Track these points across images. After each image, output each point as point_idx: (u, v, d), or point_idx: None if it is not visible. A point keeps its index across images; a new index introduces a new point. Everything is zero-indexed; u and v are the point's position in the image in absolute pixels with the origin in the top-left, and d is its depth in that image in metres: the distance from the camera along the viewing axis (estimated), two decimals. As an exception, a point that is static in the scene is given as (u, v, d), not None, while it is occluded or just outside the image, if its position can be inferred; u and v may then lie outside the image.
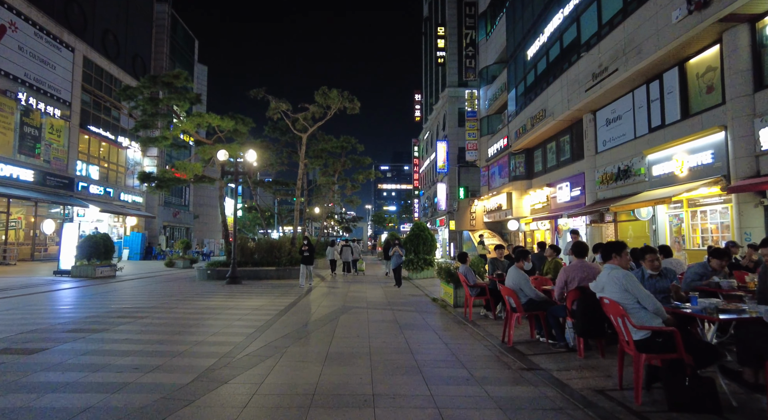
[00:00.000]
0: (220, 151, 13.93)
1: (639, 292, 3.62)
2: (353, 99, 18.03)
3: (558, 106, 19.76)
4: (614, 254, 3.93)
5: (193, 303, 9.56)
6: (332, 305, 9.60)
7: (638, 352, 3.52)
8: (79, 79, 25.40)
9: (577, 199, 19.68)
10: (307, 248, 13.70)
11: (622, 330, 3.69)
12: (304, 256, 13.74)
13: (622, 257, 3.90)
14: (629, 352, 3.70)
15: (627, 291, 3.66)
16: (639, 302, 3.62)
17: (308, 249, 13.73)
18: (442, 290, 10.49)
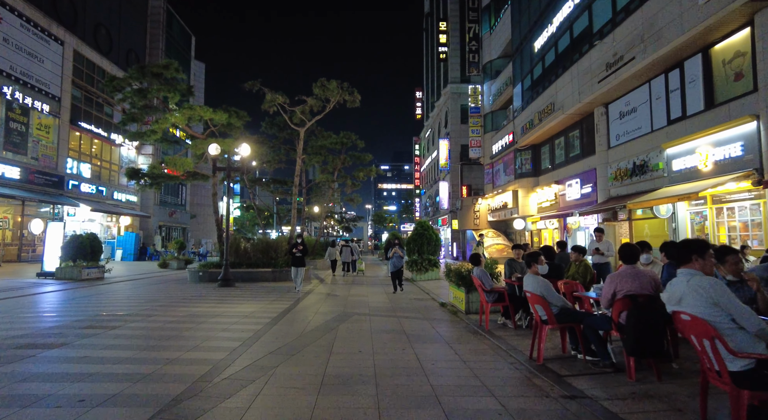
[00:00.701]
0: (211, 145, 13.04)
1: (735, 306, 2.72)
2: (353, 91, 17.14)
3: (568, 99, 18.86)
4: (695, 256, 3.00)
5: (177, 309, 8.66)
6: (331, 311, 8.70)
7: (738, 388, 2.63)
8: (69, 74, 24.50)
9: (588, 197, 18.78)
10: (300, 248, 12.24)
11: (710, 356, 2.79)
12: (294, 257, 12.25)
13: (705, 260, 2.98)
14: (720, 386, 2.81)
15: (717, 305, 2.76)
16: (734, 320, 2.73)
17: (301, 249, 12.28)
18: (451, 294, 9.59)
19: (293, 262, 12.28)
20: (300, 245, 12.28)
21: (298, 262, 12.28)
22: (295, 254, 12.22)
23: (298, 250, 12.19)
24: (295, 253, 12.21)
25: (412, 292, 12.60)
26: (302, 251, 12.25)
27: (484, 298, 6.97)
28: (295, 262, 12.28)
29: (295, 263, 12.29)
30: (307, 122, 17.40)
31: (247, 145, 13.31)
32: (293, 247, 12.31)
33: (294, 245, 12.35)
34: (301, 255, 12.26)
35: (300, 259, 12.31)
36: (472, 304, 8.43)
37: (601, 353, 4.54)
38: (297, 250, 12.21)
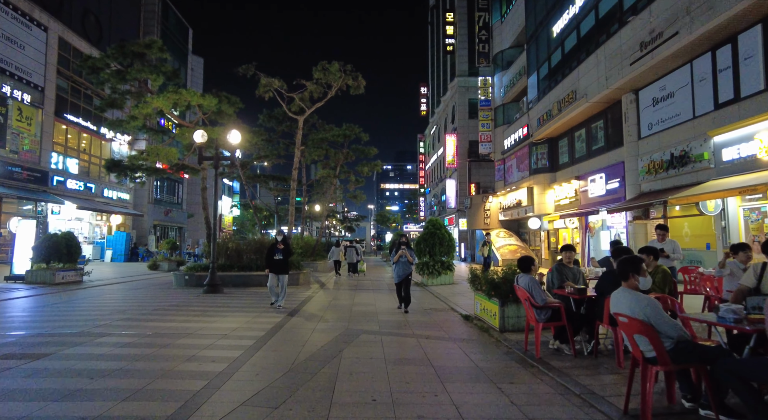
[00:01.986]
0: (196, 133, 11.43)
1: None
2: (357, 76, 15.51)
3: (592, 86, 17.19)
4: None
5: (142, 325, 7.04)
6: (332, 328, 7.07)
7: None
8: (54, 63, 22.94)
9: (614, 193, 17.12)
10: (282, 249, 9.37)
11: None
12: (274, 262, 9.29)
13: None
14: None
15: None
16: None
17: (284, 251, 9.38)
18: (477, 305, 7.94)
19: (272, 268, 9.29)
20: (281, 245, 9.40)
21: (278, 268, 9.29)
22: (274, 258, 9.28)
23: (279, 252, 9.32)
24: (275, 257, 9.29)
25: (425, 299, 10.95)
26: (285, 253, 9.39)
27: (532, 316, 5.32)
28: (275, 268, 9.27)
29: (274, 269, 9.27)
30: (307, 110, 15.77)
31: (238, 131, 11.70)
32: (272, 247, 9.45)
33: (274, 246, 9.46)
34: (282, 258, 9.32)
35: (281, 265, 9.30)
36: (509, 320, 6.78)
37: (756, 417, 2.88)
38: (278, 252, 9.34)
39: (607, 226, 18.66)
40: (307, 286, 13.86)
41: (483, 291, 7.56)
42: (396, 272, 9.11)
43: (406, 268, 9.00)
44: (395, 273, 9.13)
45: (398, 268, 9.05)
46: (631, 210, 15.25)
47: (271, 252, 9.40)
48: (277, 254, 9.32)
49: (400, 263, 9.02)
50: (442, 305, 9.91)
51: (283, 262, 9.35)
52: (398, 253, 8.98)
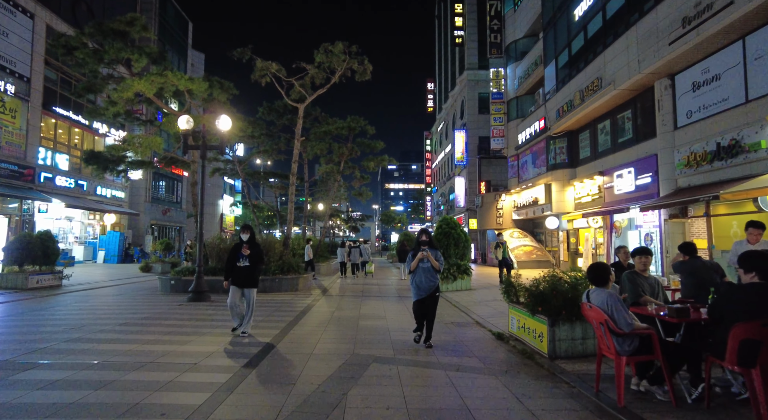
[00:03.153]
0: (181, 118, 10.02)
1: None
2: (363, 60, 14.02)
3: (622, 72, 15.63)
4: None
5: (92, 349, 5.59)
6: (334, 353, 5.59)
7: None
8: (42, 52, 21.63)
9: (645, 189, 15.56)
10: (248, 254, 6.61)
11: None
12: (235, 270, 6.61)
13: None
14: None
15: None
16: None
17: (250, 255, 6.63)
18: (514, 321, 6.44)
19: (233, 278, 6.61)
20: (246, 247, 6.63)
21: (242, 279, 6.57)
22: (237, 264, 6.59)
23: (245, 258, 6.59)
24: (239, 264, 6.58)
25: (443, 309, 9.44)
26: (253, 259, 6.62)
27: (611, 346, 3.81)
28: (237, 278, 6.58)
29: (236, 280, 6.58)
30: (308, 97, 14.31)
31: (228, 117, 10.27)
32: (235, 250, 6.72)
33: (237, 248, 6.72)
34: (249, 266, 6.58)
35: (246, 274, 6.58)
36: (561, 344, 5.28)
37: None
38: (242, 257, 6.60)
39: (635, 225, 17.08)
40: (307, 292, 12.40)
41: (523, 305, 6.06)
42: (415, 284, 6.09)
43: (430, 279, 6.02)
44: (414, 286, 6.12)
45: (418, 279, 6.05)
46: (668, 207, 13.68)
47: (233, 256, 6.63)
48: (240, 260, 6.56)
49: (420, 272, 6.05)
50: (464, 317, 8.41)
51: (249, 271, 6.57)
52: (417, 257, 6.02)
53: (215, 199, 50.72)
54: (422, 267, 6.11)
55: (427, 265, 6.08)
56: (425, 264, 6.10)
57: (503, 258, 14.06)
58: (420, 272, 6.10)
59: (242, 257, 6.58)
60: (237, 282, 6.58)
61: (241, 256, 6.59)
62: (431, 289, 6.05)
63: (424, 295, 6.05)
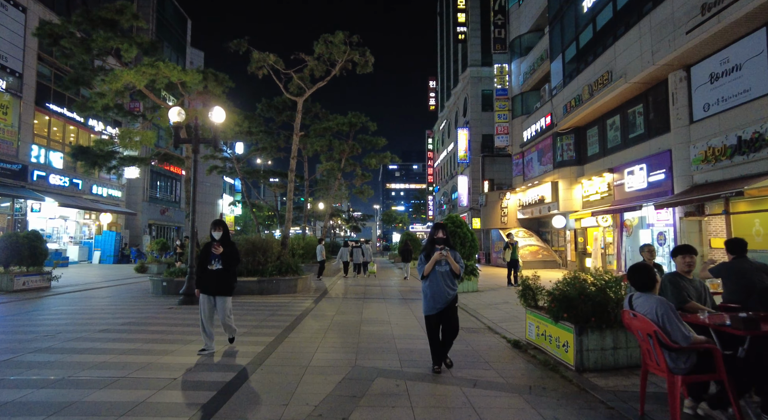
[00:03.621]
0: (172, 110, 9.43)
1: None
2: (365, 51, 13.41)
3: (633, 64, 15.03)
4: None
5: (58, 362, 4.99)
6: (334, 365, 4.99)
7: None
8: (35, 47, 21.06)
9: (658, 186, 14.95)
10: (221, 253, 5.41)
11: None
12: (205, 274, 5.41)
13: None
14: None
15: None
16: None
17: (223, 255, 5.42)
18: (532, 327, 5.83)
19: (203, 286, 5.38)
20: (218, 246, 5.40)
21: (212, 285, 5.36)
22: (207, 267, 5.38)
23: (217, 259, 5.39)
24: (210, 266, 5.37)
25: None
26: (226, 260, 5.41)
27: (661, 363, 3.20)
28: (207, 284, 5.36)
29: (206, 287, 5.37)
30: (307, 90, 13.71)
31: (221, 108, 9.68)
32: (206, 250, 5.49)
33: (207, 247, 5.50)
34: (222, 269, 5.38)
35: (219, 279, 5.37)
36: (590, 355, 4.67)
37: None
38: (214, 259, 5.40)
39: (647, 224, 16.47)
40: (306, 294, 11.80)
41: (544, 310, 5.45)
42: (429, 294, 4.74)
43: (449, 287, 4.72)
44: (428, 296, 4.76)
45: (434, 286, 4.71)
46: (685, 204, 13.06)
47: (204, 258, 5.41)
48: (212, 261, 5.34)
49: (437, 277, 4.71)
50: (475, 322, 7.80)
51: (221, 275, 5.34)
52: (434, 258, 4.71)
53: (215, 199, 50.13)
54: (439, 271, 4.71)
55: (446, 269, 4.74)
56: (443, 267, 4.73)
57: (512, 259, 13.40)
58: (436, 278, 4.71)
59: (214, 258, 5.38)
60: (207, 288, 5.34)
61: (213, 257, 5.38)
62: (450, 300, 4.71)
63: (441, 307, 4.66)
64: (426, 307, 4.81)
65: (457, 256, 4.88)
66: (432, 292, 4.74)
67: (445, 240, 4.85)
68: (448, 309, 4.72)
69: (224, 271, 5.41)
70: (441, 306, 4.70)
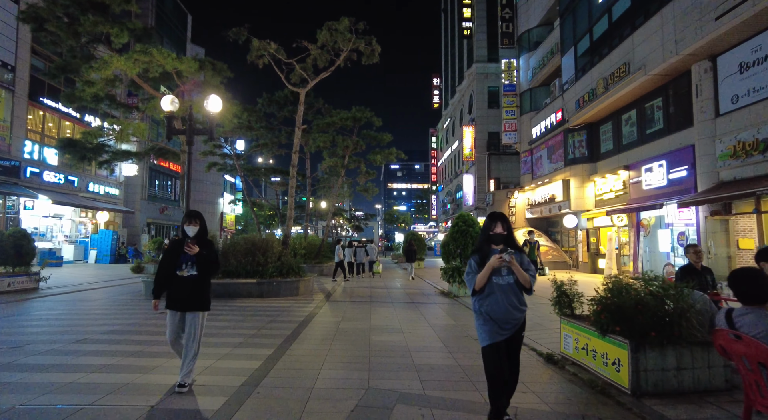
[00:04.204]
0: (165, 99, 8.70)
1: None
2: (371, 40, 12.67)
3: (653, 55, 14.26)
4: None
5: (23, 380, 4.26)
6: (342, 387, 4.25)
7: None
8: (28, 40, 20.36)
9: (680, 183, 14.17)
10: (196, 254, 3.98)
11: None
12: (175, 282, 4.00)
13: None
14: None
15: None
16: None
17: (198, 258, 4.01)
18: (569, 340, 5.08)
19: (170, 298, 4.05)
20: (192, 244, 3.96)
21: (184, 297, 4.01)
22: (177, 273, 4.00)
23: (189, 263, 4.01)
24: (179, 272, 4.00)
25: (466, 318, 8.09)
26: (203, 266, 4.05)
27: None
28: (177, 298, 4.02)
29: (175, 301, 4.03)
30: (310, 81, 12.97)
31: (218, 97, 8.95)
32: (173, 249, 4.13)
33: (176, 246, 4.12)
34: (197, 276, 4.03)
35: (192, 289, 4.02)
36: (650, 376, 3.92)
37: None
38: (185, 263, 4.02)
39: (666, 223, 15.70)
40: (308, 297, 11.06)
41: (586, 320, 4.70)
42: (486, 315, 3.25)
43: (513, 307, 3.25)
44: (484, 318, 3.27)
45: (494, 305, 3.24)
46: (713, 203, 12.28)
47: (172, 260, 4.04)
48: (184, 266, 3.99)
49: (497, 292, 3.24)
50: (495, 330, 7.04)
51: (196, 284, 4.01)
52: (491, 264, 3.19)
53: (215, 198, 49.44)
54: (498, 284, 3.21)
55: (509, 281, 3.24)
56: (504, 278, 3.22)
57: (533, 259, 12.56)
58: (494, 294, 3.21)
59: (185, 261, 3.96)
60: (175, 302, 3.97)
61: (185, 260, 3.97)
62: (518, 325, 3.27)
63: (507, 334, 3.22)
64: (484, 333, 3.25)
65: (524, 262, 3.28)
66: (492, 313, 3.22)
67: (506, 237, 3.30)
68: (515, 338, 3.29)
69: (199, 278, 4.01)
70: (507, 332, 3.22)
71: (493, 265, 3.18)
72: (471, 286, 3.30)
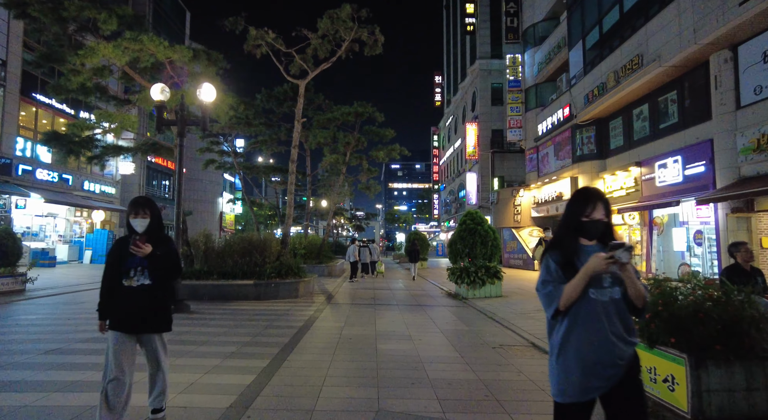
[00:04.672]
0: (155, 87, 8.12)
1: None
2: (374, 29, 12.06)
3: (669, 45, 13.63)
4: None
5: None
6: (349, 408, 3.64)
7: None
8: (20, 34, 19.76)
9: (697, 179, 13.54)
10: (147, 252, 2.90)
11: None
12: (125, 293, 2.93)
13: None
14: None
15: None
16: None
17: (151, 259, 2.94)
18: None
19: (115, 317, 2.96)
20: (142, 242, 2.87)
21: (134, 314, 2.94)
22: (125, 284, 2.93)
23: (139, 270, 2.95)
24: (126, 282, 2.93)
25: (477, 322, 7.48)
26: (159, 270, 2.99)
27: None
28: (125, 314, 2.94)
29: (121, 318, 2.95)
30: (310, 72, 12.36)
31: (211, 85, 8.36)
32: (117, 249, 3.05)
33: (122, 244, 3.03)
34: (151, 287, 2.97)
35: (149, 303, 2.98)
36: (712, 398, 3.30)
37: None
38: (133, 269, 2.95)
39: (680, 221, 15.07)
40: (308, 299, 10.45)
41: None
42: (574, 352, 1.99)
43: (617, 337, 1.98)
44: (570, 353, 2.00)
45: (585, 333, 1.99)
46: (733, 199, 11.65)
47: (116, 264, 2.99)
48: (132, 272, 2.96)
49: (590, 311, 1.99)
50: (512, 336, 6.44)
51: (151, 297, 2.99)
52: (589, 267, 1.93)
53: (214, 197, 48.87)
54: (598, 300, 2.00)
55: (614, 296, 2.03)
56: (607, 292, 2.02)
57: None
58: (589, 315, 2.00)
59: (134, 266, 2.94)
60: (122, 322, 2.93)
61: (132, 265, 2.94)
62: (623, 367, 1.99)
63: (605, 385, 1.97)
64: (564, 382, 2.02)
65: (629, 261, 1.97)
66: (582, 350, 2.00)
67: (607, 227, 2.10)
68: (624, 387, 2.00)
69: (154, 288, 2.96)
70: (607, 382, 1.98)
71: (596, 270, 1.95)
72: (552, 305, 2.02)
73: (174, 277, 3.19)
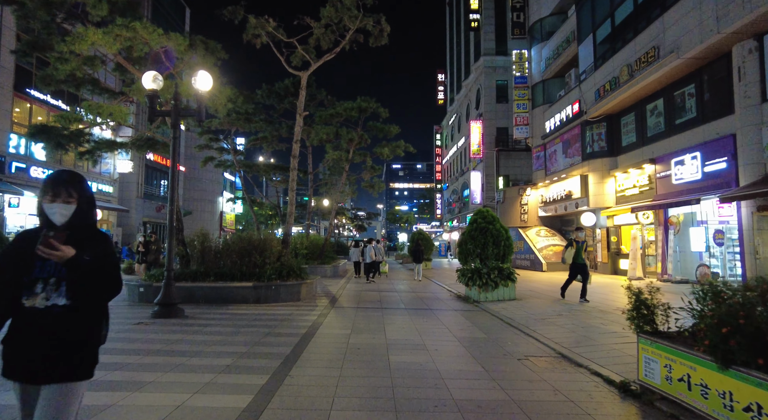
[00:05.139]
0: (146, 75, 7.55)
1: None
2: (380, 18, 11.46)
3: (690, 35, 13.03)
4: None
5: None
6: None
7: None
8: (13, 27, 19.19)
9: (718, 176, 12.95)
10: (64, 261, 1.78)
11: None
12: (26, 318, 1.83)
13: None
14: None
15: None
16: None
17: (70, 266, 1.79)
18: (653, 366, 3.86)
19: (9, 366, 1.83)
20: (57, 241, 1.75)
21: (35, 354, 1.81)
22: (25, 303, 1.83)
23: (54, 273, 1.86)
24: (32, 302, 1.83)
25: (495, 329, 6.88)
26: (83, 284, 1.84)
27: None
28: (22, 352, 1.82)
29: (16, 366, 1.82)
30: (312, 63, 11.76)
31: (207, 73, 7.78)
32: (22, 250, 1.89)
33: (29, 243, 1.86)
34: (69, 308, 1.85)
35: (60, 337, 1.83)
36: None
37: None
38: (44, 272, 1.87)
39: (698, 220, 14.48)
40: (311, 302, 9.86)
41: (698, 346, 3.47)
42: None
43: None
44: None
45: None
46: (760, 197, 11.03)
47: (17, 274, 1.86)
48: (37, 288, 1.85)
49: None
50: (536, 345, 5.84)
51: (62, 325, 1.85)
52: None
53: (214, 196, 48.31)
54: None
55: None
56: None
57: (579, 263, 9.83)
58: None
59: (42, 277, 1.87)
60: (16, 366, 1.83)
61: (41, 274, 1.87)
62: None
63: None
64: None
65: None
66: None
67: None
68: None
69: (72, 312, 1.88)
70: None
71: None
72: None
73: (108, 297, 1.95)
